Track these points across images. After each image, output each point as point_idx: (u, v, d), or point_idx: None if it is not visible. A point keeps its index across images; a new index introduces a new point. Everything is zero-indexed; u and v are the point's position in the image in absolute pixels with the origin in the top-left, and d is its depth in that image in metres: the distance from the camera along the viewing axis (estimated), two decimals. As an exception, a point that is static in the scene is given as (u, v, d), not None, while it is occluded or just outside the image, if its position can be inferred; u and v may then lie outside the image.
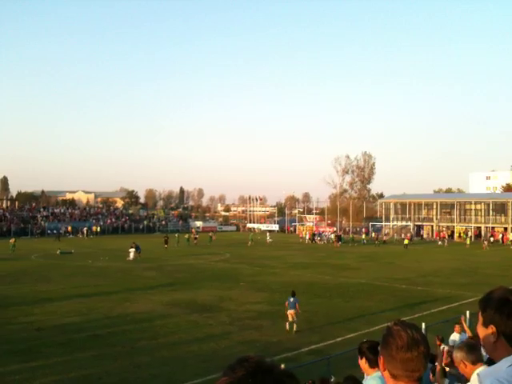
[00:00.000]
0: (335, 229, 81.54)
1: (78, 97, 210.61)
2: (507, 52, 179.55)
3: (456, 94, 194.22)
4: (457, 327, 12.76)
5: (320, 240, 68.02)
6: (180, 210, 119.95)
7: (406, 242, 61.74)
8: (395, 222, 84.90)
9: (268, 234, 68.56)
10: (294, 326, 17.79)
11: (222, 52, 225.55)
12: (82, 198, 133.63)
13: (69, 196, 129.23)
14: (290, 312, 18.17)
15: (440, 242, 52.95)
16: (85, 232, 71.87)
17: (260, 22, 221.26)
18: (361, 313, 20.67)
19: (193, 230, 60.59)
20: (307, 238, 69.25)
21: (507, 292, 2.23)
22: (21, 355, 14.49)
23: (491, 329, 2.18)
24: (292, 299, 18.46)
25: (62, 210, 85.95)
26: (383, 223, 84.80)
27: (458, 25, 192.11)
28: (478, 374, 2.29)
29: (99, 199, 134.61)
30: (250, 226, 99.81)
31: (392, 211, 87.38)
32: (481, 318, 2.27)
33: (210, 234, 63.79)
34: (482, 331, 2.25)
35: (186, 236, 59.61)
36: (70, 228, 75.02)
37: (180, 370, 13.64)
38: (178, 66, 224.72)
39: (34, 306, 21.34)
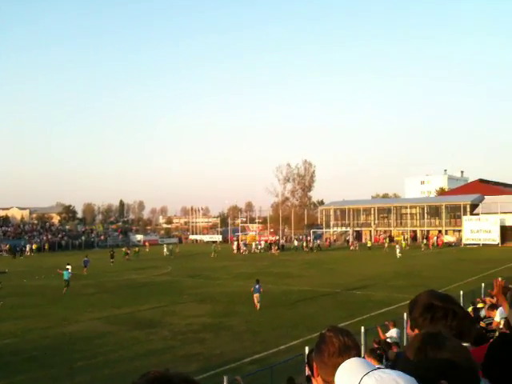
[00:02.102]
0: (277, 237, 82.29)
1: (7, 107, 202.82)
2: (432, 56, 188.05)
3: (390, 101, 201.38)
4: (391, 323, 13.85)
5: (245, 250, 66.65)
6: (120, 223, 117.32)
7: (369, 244, 65.11)
8: (335, 228, 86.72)
9: (213, 244, 68.04)
10: (258, 305, 23.56)
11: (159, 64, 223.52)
12: (15, 214, 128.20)
13: (2, 213, 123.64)
14: (256, 295, 23.88)
15: (386, 247, 55.12)
16: (27, 250, 69.23)
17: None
18: (303, 320, 20.92)
19: (124, 248, 59.47)
20: (234, 248, 67.98)
21: (432, 296, 2.30)
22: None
23: (416, 333, 2.23)
24: (257, 286, 24.00)
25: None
26: (324, 230, 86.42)
27: (388, 29, 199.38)
28: None
29: (34, 215, 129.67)
30: (192, 237, 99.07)
31: (332, 218, 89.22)
32: (408, 322, 2.37)
33: (137, 249, 63.65)
34: (410, 335, 2.32)
35: (136, 249, 59.63)
36: (8, 246, 71.39)
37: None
38: (115, 79, 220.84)
39: (-36, 331, 20.26)
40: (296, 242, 71.44)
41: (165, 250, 62.14)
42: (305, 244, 68.26)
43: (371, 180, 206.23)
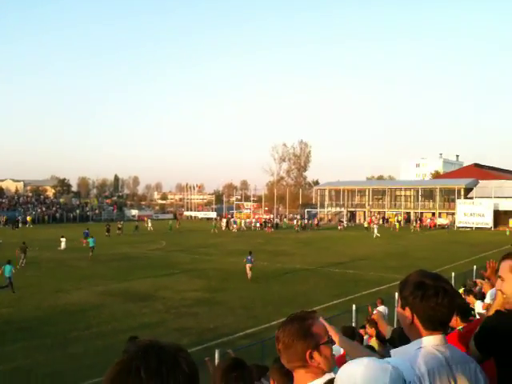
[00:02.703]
0: (271, 216, 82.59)
1: (6, 79, 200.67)
2: (437, 40, 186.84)
3: (388, 82, 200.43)
4: (378, 300, 14.16)
5: (234, 228, 67.09)
6: (115, 198, 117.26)
7: (365, 225, 65.73)
8: (330, 209, 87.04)
9: (213, 221, 68.28)
10: (250, 274, 25.35)
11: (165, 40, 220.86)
12: (10, 186, 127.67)
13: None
14: (248, 265, 25.67)
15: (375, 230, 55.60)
16: (28, 221, 69.38)
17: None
18: (295, 297, 21.11)
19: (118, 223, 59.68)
20: (223, 225, 68.15)
21: (423, 275, 2.33)
22: None
23: (407, 311, 2.29)
24: (249, 257, 25.91)
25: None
26: (318, 209, 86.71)
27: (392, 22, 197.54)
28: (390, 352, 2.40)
29: (29, 188, 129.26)
30: (187, 213, 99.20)
31: (327, 198, 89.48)
32: (399, 301, 2.39)
33: (136, 223, 64.14)
34: (400, 313, 2.36)
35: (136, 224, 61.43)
36: (5, 218, 71.16)
37: (114, 359, 13.42)
38: (119, 53, 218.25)
39: (-43, 300, 20.34)
40: (286, 221, 72.62)
41: (149, 224, 63.70)
42: (295, 223, 68.80)
43: (366, 162, 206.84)
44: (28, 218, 71.39)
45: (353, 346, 2.70)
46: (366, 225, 68.84)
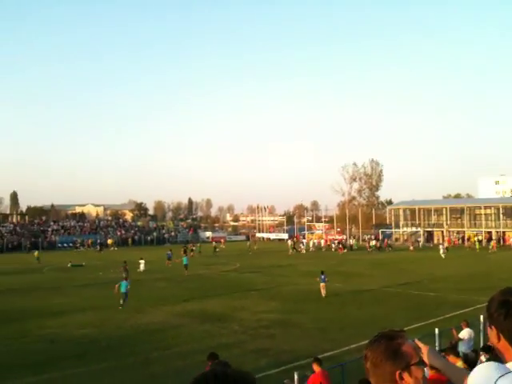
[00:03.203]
0: (344, 236, 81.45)
1: (85, 111, 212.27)
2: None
3: (464, 97, 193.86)
4: (463, 323, 13.77)
5: (302, 249, 65.84)
6: (189, 220, 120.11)
7: (446, 244, 63.34)
8: (405, 229, 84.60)
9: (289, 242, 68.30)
10: (324, 292, 26.60)
11: (223, 65, 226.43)
12: (91, 211, 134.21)
13: (78, 209, 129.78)
14: (322, 285, 26.75)
15: (441, 250, 53.76)
16: (109, 244, 72.64)
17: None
18: (374, 319, 20.57)
19: (190, 244, 61.22)
20: (291, 246, 66.10)
21: (507, 293, 2.29)
22: (35, 367, 14.55)
23: (494, 330, 2.25)
24: (322, 276, 26.89)
25: (72, 224, 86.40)
26: (393, 230, 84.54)
27: (461, 24, 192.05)
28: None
29: (108, 212, 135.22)
30: (259, 235, 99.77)
31: (401, 218, 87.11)
32: (487, 320, 2.34)
33: (214, 244, 64.74)
34: (489, 332, 2.31)
35: (198, 245, 61.67)
36: (90, 241, 74.81)
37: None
38: (187, 76, 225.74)
39: (47, 319, 21.43)
40: (356, 242, 71.69)
41: (218, 246, 64.91)
42: (368, 244, 67.46)
43: (442, 180, 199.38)
44: (109, 241, 74.39)
45: (448, 366, 2.61)
46: (446, 245, 66.29)
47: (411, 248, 65.05)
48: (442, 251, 53.28)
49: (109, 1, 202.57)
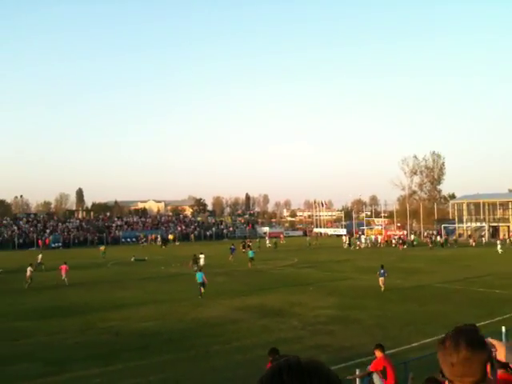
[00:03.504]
0: (405, 232, 79.62)
1: (150, 111, 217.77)
2: None
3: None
4: None
5: (360, 244, 65.08)
6: (246, 216, 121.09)
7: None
8: (469, 224, 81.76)
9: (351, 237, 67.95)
10: (383, 287, 26.67)
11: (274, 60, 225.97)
12: (152, 206, 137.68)
13: (140, 205, 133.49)
14: (381, 279, 26.91)
15: (499, 246, 52.56)
16: (170, 240, 73.49)
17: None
18: (436, 317, 20.03)
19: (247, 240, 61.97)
20: (345, 242, 66.10)
21: None
22: (101, 359, 15.10)
23: None
24: (382, 271, 27.09)
25: (135, 219, 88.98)
26: (456, 225, 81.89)
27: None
28: None
29: (169, 208, 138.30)
30: (316, 230, 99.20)
31: (465, 212, 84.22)
32: None
33: (274, 240, 64.82)
34: None
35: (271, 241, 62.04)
36: (154, 236, 76.81)
37: (254, 373, 13.75)
38: (239, 72, 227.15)
39: (111, 312, 22.20)
40: (417, 237, 69.90)
41: (267, 242, 64.45)
42: (429, 240, 65.79)
43: (508, 172, 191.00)
44: (170, 236, 76.04)
45: None
46: (505, 240, 64.07)
47: (473, 244, 62.94)
48: (499, 246, 52.66)
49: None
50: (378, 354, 10.68)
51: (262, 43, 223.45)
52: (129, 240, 77.06)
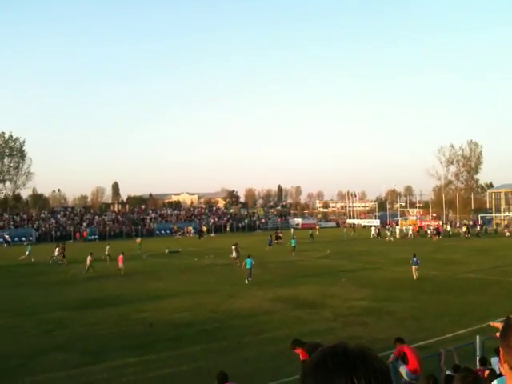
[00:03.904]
0: (441, 222, 78.20)
1: (179, 103, 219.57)
2: None
3: None
4: None
5: (394, 235, 63.69)
6: (279, 207, 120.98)
7: None
8: (506, 213, 79.74)
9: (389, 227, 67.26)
10: (416, 274, 27.55)
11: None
12: (186, 199, 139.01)
13: (174, 198, 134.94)
14: (414, 267, 27.73)
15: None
16: (203, 232, 73.01)
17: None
18: (472, 308, 19.68)
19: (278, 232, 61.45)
20: (373, 232, 65.47)
21: None
22: (136, 349, 15.35)
23: None
24: (415, 259, 28.01)
25: (169, 212, 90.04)
26: (493, 214, 79.99)
27: None
28: None
29: (202, 200, 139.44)
30: (350, 221, 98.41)
31: (503, 201, 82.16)
32: None
33: (310, 231, 63.99)
34: None
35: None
36: (190, 228, 77.67)
37: (286, 364, 13.78)
38: (258, 66, 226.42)
39: (145, 303, 22.53)
40: (450, 228, 68.54)
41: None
42: (464, 229, 64.35)
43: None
44: (204, 228, 76.50)
45: None
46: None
47: (508, 234, 61.35)
48: (508, 234, 53.23)
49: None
50: (398, 345, 11.63)
51: (293, 35, 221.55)
52: (163, 232, 78.04)
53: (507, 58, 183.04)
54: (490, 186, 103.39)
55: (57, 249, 40.97)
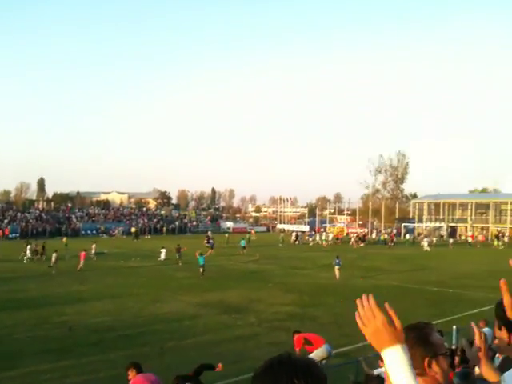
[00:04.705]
0: (366, 230, 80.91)
1: (111, 100, 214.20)
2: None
3: (487, 95, 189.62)
4: (482, 322, 13.11)
5: (313, 241, 65.24)
6: (211, 210, 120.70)
7: (469, 240, 65.88)
8: (428, 223, 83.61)
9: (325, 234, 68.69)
10: (338, 274, 30.47)
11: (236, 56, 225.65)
12: (115, 198, 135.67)
13: (103, 197, 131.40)
14: (337, 268, 30.65)
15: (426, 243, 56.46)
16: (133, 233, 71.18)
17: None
18: (391, 315, 20.40)
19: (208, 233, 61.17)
20: (293, 238, 65.47)
21: None
22: (53, 354, 14.80)
23: (503, 331, 2.29)
24: (337, 260, 31.00)
25: (97, 211, 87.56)
26: (416, 224, 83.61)
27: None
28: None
29: (132, 200, 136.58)
30: (280, 226, 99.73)
31: (425, 211, 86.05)
32: (496, 322, 2.39)
33: (248, 236, 63.26)
34: (497, 334, 2.36)
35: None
36: (120, 229, 75.94)
37: (208, 371, 13.73)
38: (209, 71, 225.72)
39: (66, 306, 21.78)
40: (374, 235, 71.67)
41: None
42: (387, 236, 67.22)
43: (469, 174, 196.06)
44: (132, 229, 74.83)
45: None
46: (470, 240, 65.88)
47: (425, 246, 62.49)
48: (426, 244, 55.96)
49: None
50: (296, 333, 13.33)
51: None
52: (89, 232, 75.70)
53: (431, 71, 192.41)
54: (415, 196, 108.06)
55: None
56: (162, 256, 40.40)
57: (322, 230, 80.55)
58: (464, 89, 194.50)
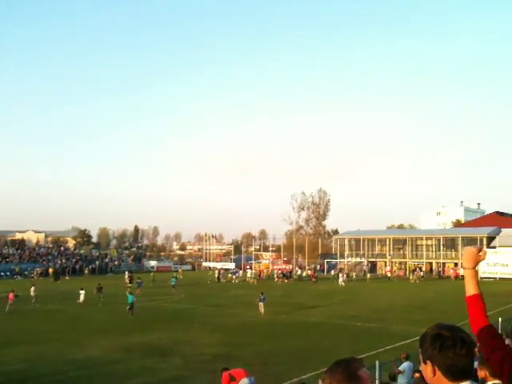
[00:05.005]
0: (290, 266, 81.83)
1: (30, 131, 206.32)
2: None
3: (407, 130, 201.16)
4: (403, 355, 13.97)
5: (236, 278, 65.47)
6: (134, 249, 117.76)
7: (389, 274, 67.99)
8: (350, 259, 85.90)
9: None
10: (262, 311, 31.44)
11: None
12: (31, 237, 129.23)
13: (18, 236, 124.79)
14: (260, 304, 31.72)
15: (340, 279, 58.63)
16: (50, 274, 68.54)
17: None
18: (317, 352, 20.53)
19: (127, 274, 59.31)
20: (215, 276, 65.37)
21: (440, 327, 2.38)
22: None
23: (428, 365, 2.31)
24: (262, 297, 32.04)
25: (11, 251, 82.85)
26: (338, 260, 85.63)
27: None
28: None
29: (50, 239, 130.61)
30: (205, 264, 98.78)
31: (347, 247, 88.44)
32: (420, 356, 2.40)
33: (175, 274, 61.82)
34: (423, 368, 2.38)
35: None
36: (40, 270, 71.72)
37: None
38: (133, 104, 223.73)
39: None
40: (298, 271, 73.17)
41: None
42: (309, 272, 68.97)
43: (386, 210, 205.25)
44: (50, 270, 71.27)
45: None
46: (389, 275, 68.38)
47: (341, 282, 62.59)
48: (340, 279, 57.77)
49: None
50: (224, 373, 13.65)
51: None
52: (2, 274, 71.27)
53: (348, 123, 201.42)
54: (336, 232, 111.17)
55: None
56: (81, 298, 38.62)
57: (248, 267, 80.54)
58: (383, 131, 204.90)
